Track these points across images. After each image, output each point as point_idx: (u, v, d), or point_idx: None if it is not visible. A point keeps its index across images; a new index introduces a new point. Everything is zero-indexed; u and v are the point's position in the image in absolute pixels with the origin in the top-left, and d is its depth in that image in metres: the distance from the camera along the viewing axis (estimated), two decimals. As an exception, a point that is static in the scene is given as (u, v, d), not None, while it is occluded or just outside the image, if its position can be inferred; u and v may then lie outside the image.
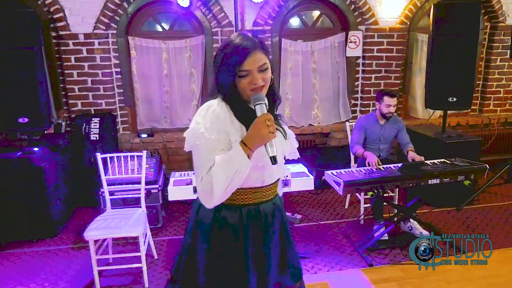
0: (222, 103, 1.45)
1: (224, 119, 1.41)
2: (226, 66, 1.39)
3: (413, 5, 4.71)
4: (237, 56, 1.36)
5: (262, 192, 1.51)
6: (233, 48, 1.38)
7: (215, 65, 1.44)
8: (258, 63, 1.38)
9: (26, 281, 2.97)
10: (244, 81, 1.39)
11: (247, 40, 1.39)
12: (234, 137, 1.40)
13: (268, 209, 1.53)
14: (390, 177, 3.00)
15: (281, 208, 1.61)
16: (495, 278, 2.87)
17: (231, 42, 1.40)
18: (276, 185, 1.57)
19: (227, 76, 1.40)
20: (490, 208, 4.06)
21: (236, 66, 1.37)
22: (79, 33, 4.23)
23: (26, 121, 3.47)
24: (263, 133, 1.31)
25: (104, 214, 3.06)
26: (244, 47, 1.37)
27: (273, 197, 1.56)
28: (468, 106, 4.23)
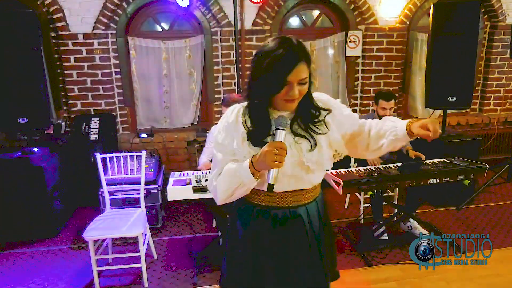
0: (243, 108, 1.47)
1: (233, 124, 1.44)
2: (269, 74, 1.32)
3: (412, 5, 4.71)
4: (283, 67, 1.31)
5: (274, 197, 1.50)
6: (280, 57, 1.31)
7: (254, 69, 1.39)
8: (300, 76, 1.34)
9: (26, 281, 2.97)
10: (282, 91, 1.35)
11: (295, 49, 1.33)
12: (236, 143, 1.43)
13: (280, 215, 1.51)
14: (390, 176, 3.00)
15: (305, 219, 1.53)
16: (494, 277, 2.87)
17: (278, 49, 1.32)
18: (293, 195, 1.51)
19: (266, 85, 1.35)
20: (490, 207, 4.05)
21: (281, 77, 1.32)
22: (79, 33, 4.23)
23: (25, 121, 3.47)
24: (268, 160, 1.30)
25: (103, 214, 3.06)
26: (292, 58, 1.32)
27: (289, 205, 1.51)
28: (468, 106, 4.23)
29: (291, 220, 1.51)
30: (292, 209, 1.51)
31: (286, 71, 1.31)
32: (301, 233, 1.52)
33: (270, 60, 1.32)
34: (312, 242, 1.54)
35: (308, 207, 1.54)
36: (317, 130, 1.46)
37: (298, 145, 1.43)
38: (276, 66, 1.31)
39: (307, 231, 1.53)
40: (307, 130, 1.45)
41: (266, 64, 1.33)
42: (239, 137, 1.43)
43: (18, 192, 3.46)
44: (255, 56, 1.39)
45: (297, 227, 1.52)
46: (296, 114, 1.45)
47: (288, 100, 1.37)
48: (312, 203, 1.56)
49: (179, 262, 3.18)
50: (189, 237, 3.58)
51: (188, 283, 2.89)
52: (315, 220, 1.56)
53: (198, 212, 4.11)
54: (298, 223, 1.52)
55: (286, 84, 1.33)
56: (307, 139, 1.44)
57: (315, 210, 1.57)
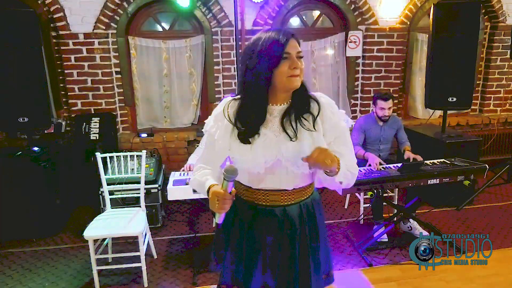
0: (234, 100, 1.50)
1: (220, 114, 1.50)
2: (267, 52, 1.36)
3: (413, 5, 4.71)
4: (278, 42, 1.36)
5: (252, 193, 1.53)
6: (273, 36, 1.37)
7: (248, 57, 1.41)
8: (297, 48, 1.40)
9: (26, 280, 2.97)
10: (284, 65, 1.37)
11: (284, 28, 1.43)
12: (218, 133, 1.48)
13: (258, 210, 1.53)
14: (390, 177, 3.00)
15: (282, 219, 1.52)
16: (494, 277, 2.87)
17: (267, 33, 1.40)
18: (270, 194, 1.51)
19: (267, 63, 1.37)
20: (489, 208, 4.05)
21: (280, 48, 1.36)
22: (79, 33, 4.23)
23: (26, 121, 3.47)
24: (210, 205, 1.39)
25: (103, 214, 3.06)
26: (284, 34, 1.38)
27: (266, 203, 1.52)
28: (468, 106, 4.23)
29: (268, 217, 1.52)
30: (268, 208, 1.52)
31: (284, 43, 1.36)
32: (275, 232, 1.52)
33: (265, 40, 1.38)
34: (284, 245, 1.52)
35: (288, 209, 1.52)
36: (306, 124, 1.45)
37: (277, 143, 1.43)
38: (273, 42, 1.36)
39: (282, 231, 1.52)
40: (296, 123, 1.44)
41: (261, 45, 1.37)
42: (222, 128, 1.47)
43: (18, 191, 3.46)
44: (247, 47, 1.44)
45: (272, 225, 1.52)
46: (291, 106, 1.47)
47: (293, 75, 1.38)
48: (292, 206, 1.52)
49: (178, 262, 3.18)
50: (189, 237, 3.58)
51: (188, 283, 2.90)
52: (295, 223, 1.52)
53: (198, 212, 4.11)
54: (272, 221, 1.52)
55: (285, 57, 1.37)
56: (289, 136, 1.42)
57: (296, 214, 1.52)
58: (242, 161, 1.44)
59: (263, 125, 1.44)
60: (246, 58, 1.43)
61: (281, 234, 1.52)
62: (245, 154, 1.43)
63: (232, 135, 1.46)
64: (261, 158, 1.42)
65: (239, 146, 1.44)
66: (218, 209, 1.36)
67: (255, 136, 1.43)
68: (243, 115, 1.45)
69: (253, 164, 1.43)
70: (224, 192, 1.35)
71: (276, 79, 1.39)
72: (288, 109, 1.46)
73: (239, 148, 1.44)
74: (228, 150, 1.47)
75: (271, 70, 1.37)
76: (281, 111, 1.47)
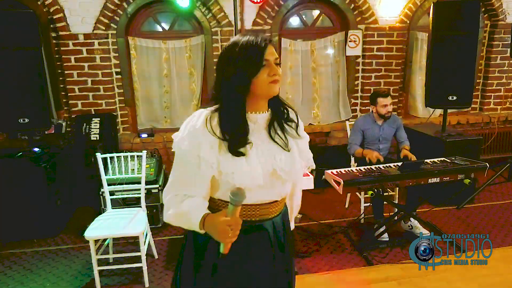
0: (212, 113, 1.37)
1: (200, 129, 1.32)
2: (246, 61, 1.30)
3: (412, 4, 4.71)
4: (258, 48, 1.30)
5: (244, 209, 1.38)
6: (250, 43, 1.31)
7: (225, 64, 1.34)
8: (275, 55, 1.35)
9: (27, 280, 2.98)
10: (263, 73, 1.31)
11: (260, 34, 1.36)
12: (203, 150, 1.31)
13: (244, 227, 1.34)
14: (390, 176, 3.00)
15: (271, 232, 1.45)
16: (495, 277, 2.87)
17: (243, 39, 1.33)
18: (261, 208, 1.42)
19: (246, 72, 1.30)
20: (490, 207, 4.05)
21: (258, 56, 1.30)
22: (79, 34, 4.24)
23: (26, 122, 3.48)
24: (222, 236, 1.25)
25: (104, 214, 3.07)
26: (262, 40, 1.32)
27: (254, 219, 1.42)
28: (468, 105, 4.23)
29: (256, 232, 1.42)
30: (257, 223, 1.42)
31: (263, 49, 1.31)
32: (266, 246, 1.44)
33: (243, 46, 1.31)
34: (277, 254, 1.47)
35: (274, 220, 1.46)
36: (292, 131, 1.45)
37: (270, 152, 1.38)
38: (252, 48, 1.31)
39: (272, 243, 1.45)
40: (283, 131, 1.42)
41: (239, 52, 1.31)
42: (207, 144, 1.31)
43: (19, 192, 3.47)
44: (224, 53, 1.36)
45: (262, 240, 1.43)
46: (272, 114, 1.43)
47: (273, 81, 1.33)
48: (278, 217, 1.48)
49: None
50: (189, 237, 3.58)
51: (189, 283, 2.89)
52: (281, 234, 1.48)
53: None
54: (263, 236, 1.43)
55: (264, 65, 1.32)
56: (280, 146, 1.39)
57: (280, 222, 1.49)
58: (240, 175, 1.31)
59: (250, 134, 1.35)
60: (222, 66, 1.35)
61: (271, 251, 1.46)
62: (241, 168, 1.31)
63: (221, 150, 1.32)
64: (259, 169, 1.34)
65: (233, 160, 1.31)
66: (231, 238, 1.24)
67: (247, 147, 1.33)
68: (227, 126, 1.33)
69: (251, 176, 1.32)
70: (235, 219, 1.23)
71: (256, 87, 1.33)
72: (272, 118, 1.42)
73: (233, 162, 1.31)
74: (214, 168, 1.32)
75: (251, 79, 1.31)
76: (263, 119, 1.41)
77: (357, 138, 3.62)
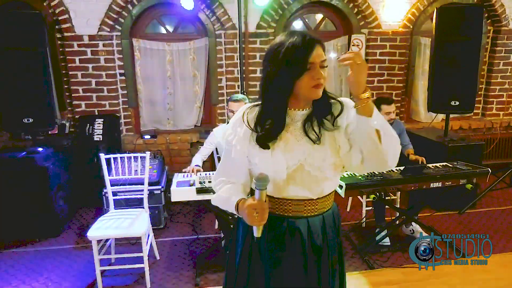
0: (252, 107, 1.44)
1: (239, 121, 1.43)
2: (290, 60, 1.28)
3: (416, 9, 4.73)
4: (304, 50, 1.28)
5: (273, 202, 1.43)
6: (297, 44, 1.29)
7: (270, 64, 1.33)
8: (322, 57, 1.33)
9: (29, 280, 2.99)
10: (307, 76, 1.30)
11: (309, 34, 1.34)
12: (237, 139, 1.41)
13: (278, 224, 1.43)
14: (392, 180, 3.01)
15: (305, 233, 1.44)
16: (496, 281, 2.87)
17: (292, 37, 1.31)
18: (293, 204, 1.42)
19: (290, 74, 1.30)
20: (492, 212, 4.05)
21: (304, 59, 1.28)
22: (84, 35, 4.27)
23: (30, 122, 3.50)
24: (249, 220, 1.32)
25: (107, 214, 3.08)
26: (310, 41, 1.30)
27: (288, 214, 1.43)
28: (471, 110, 4.23)
29: (289, 234, 1.43)
30: (291, 220, 1.43)
31: (308, 52, 1.29)
32: (297, 248, 1.43)
33: (288, 47, 1.30)
34: (310, 260, 1.44)
35: (310, 220, 1.44)
36: (328, 125, 1.39)
37: (300, 147, 1.37)
38: (297, 51, 1.29)
39: (305, 246, 1.43)
40: (319, 126, 1.39)
41: (284, 53, 1.30)
42: (241, 133, 1.40)
43: (22, 191, 3.48)
44: (269, 52, 1.35)
45: (293, 240, 1.43)
46: (313, 110, 1.41)
47: (316, 86, 1.32)
48: (315, 217, 1.45)
49: (181, 263, 3.19)
50: (191, 238, 3.60)
51: (190, 284, 2.91)
52: (317, 236, 1.44)
53: (200, 214, 4.12)
54: (294, 237, 1.43)
55: (309, 68, 1.30)
56: (311, 140, 1.37)
57: (318, 225, 1.45)
58: (263, 167, 1.36)
59: (285, 129, 1.38)
60: (267, 65, 1.36)
61: (305, 250, 1.44)
62: (265, 160, 1.36)
63: (251, 141, 1.38)
64: (283, 163, 1.35)
65: (259, 151, 1.37)
66: (259, 221, 1.30)
67: (275, 141, 1.36)
68: (262, 120, 1.38)
69: (274, 169, 1.35)
70: (261, 202, 1.30)
71: (298, 89, 1.33)
72: (310, 114, 1.41)
73: (259, 153, 1.37)
74: (246, 157, 1.41)
75: (294, 81, 1.31)
76: (303, 116, 1.41)
77: None
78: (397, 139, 1.35)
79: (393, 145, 1.33)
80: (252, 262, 1.48)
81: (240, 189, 1.45)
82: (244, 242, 1.50)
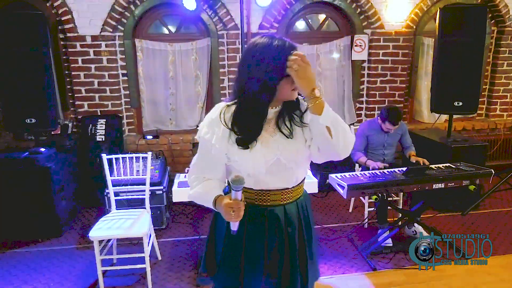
0: (228, 106, 1.49)
1: (216, 120, 1.48)
2: (279, 64, 1.37)
3: (419, 9, 4.71)
4: (286, 55, 1.37)
5: (253, 194, 1.54)
6: (282, 48, 1.38)
7: (253, 64, 1.40)
8: None
9: (31, 280, 3.00)
10: (287, 82, 1.40)
11: (287, 40, 1.43)
12: (216, 138, 1.46)
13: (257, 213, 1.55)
14: (395, 181, 3.00)
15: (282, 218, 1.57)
16: (499, 283, 2.85)
17: (274, 42, 1.40)
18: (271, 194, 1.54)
19: (277, 76, 1.38)
20: (495, 213, 4.03)
21: (285, 67, 1.36)
22: (87, 35, 4.27)
23: (33, 122, 3.51)
24: (227, 217, 1.42)
25: (109, 215, 3.08)
26: (289, 44, 1.41)
27: (266, 204, 1.55)
28: (474, 111, 4.22)
29: (269, 218, 1.55)
30: (269, 208, 1.55)
31: (288, 55, 1.36)
32: (275, 234, 1.56)
33: (275, 51, 1.38)
34: (285, 243, 1.57)
35: (287, 207, 1.57)
36: (298, 121, 1.50)
37: (275, 143, 1.47)
38: (281, 56, 1.37)
39: (282, 231, 1.56)
40: (290, 121, 1.50)
41: (273, 56, 1.37)
42: (220, 133, 1.46)
43: (24, 191, 3.49)
44: (251, 52, 1.42)
45: (273, 226, 1.56)
46: (283, 107, 1.51)
47: (295, 89, 1.42)
48: (291, 204, 1.59)
49: (183, 264, 3.19)
50: (193, 239, 3.59)
51: (192, 285, 2.90)
52: (293, 221, 1.58)
53: (202, 214, 4.12)
54: (275, 222, 1.56)
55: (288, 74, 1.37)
56: (284, 135, 1.47)
57: (294, 211, 1.59)
58: (243, 164, 1.46)
59: None
60: (251, 64, 1.41)
61: (282, 234, 1.56)
62: (245, 157, 1.45)
63: (230, 140, 1.46)
64: (261, 159, 1.45)
65: (238, 150, 1.45)
66: (235, 218, 1.40)
67: (253, 142, 1.45)
68: (240, 121, 1.45)
69: (254, 166, 1.45)
70: (236, 202, 1.39)
71: (279, 93, 1.43)
72: (282, 111, 1.51)
73: (238, 152, 1.45)
74: (225, 154, 1.48)
75: (279, 82, 1.39)
76: (275, 113, 1.51)
77: (360, 143, 3.60)
78: (347, 131, 1.44)
79: (343, 138, 1.42)
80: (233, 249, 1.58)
81: (217, 185, 1.54)
82: (225, 232, 1.58)
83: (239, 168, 1.47)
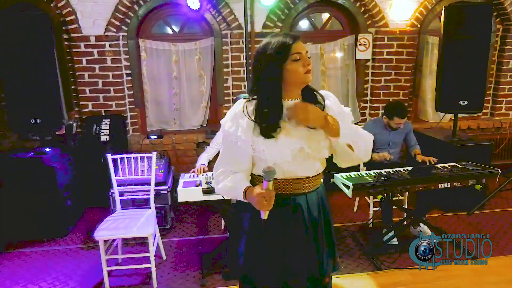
0: (249, 101, 1.58)
1: (239, 113, 1.55)
2: (276, 53, 1.49)
3: (423, 8, 4.69)
4: (287, 43, 1.49)
5: (275, 184, 1.57)
6: (281, 39, 1.51)
7: (258, 62, 1.54)
8: (305, 49, 1.55)
9: (37, 279, 3.01)
10: (298, 64, 1.50)
11: (289, 33, 1.56)
12: (241, 130, 1.53)
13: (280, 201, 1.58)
14: (400, 180, 2.98)
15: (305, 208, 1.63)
16: (506, 284, 2.83)
17: (275, 38, 1.53)
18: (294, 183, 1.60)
19: (276, 61, 1.49)
20: (501, 213, 4.00)
21: (288, 47, 1.49)
22: (91, 36, 4.28)
23: (38, 122, 3.52)
24: (259, 206, 1.49)
25: (114, 215, 3.09)
26: (291, 36, 1.52)
27: (289, 192, 1.61)
28: (480, 110, 4.19)
29: (291, 208, 1.61)
30: (292, 197, 1.61)
31: (292, 43, 1.50)
32: (299, 222, 1.62)
33: (274, 42, 1.51)
34: (309, 231, 1.63)
35: (308, 196, 1.64)
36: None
37: (298, 132, 1.55)
38: (282, 43, 1.50)
39: (305, 219, 1.62)
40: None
41: (271, 47, 1.50)
42: (244, 125, 1.53)
43: (30, 191, 3.51)
44: (257, 54, 1.56)
45: (296, 215, 1.62)
46: (303, 99, 1.60)
47: (307, 71, 1.52)
48: (312, 193, 1.65)
49: (188, 263, 3.19)
50: (198, 239, 3.59)
51: (197, 284, 2.90)
52: (314, 210, 1.65)
53: (207, 214, 4.12)
54: (297, 212, 1.62)
55: (299, 58, 1.50)
56: (307, 127, 1.54)
57: (315, 200, 1.66)
58: (270, 154, 1.53)
59: (282, 118, 1.54)
60: (257, 64, 1.55)
61: (305, 222, 1.62)
62: (271, 148, 1.52)
63: (255, 132, 1.54)
64: (287, 149, 1.52)
65: (264, 141, 1.53)
66: (267, 207, 1.48)
67: (277, 130, 1.52)
68: (261, 112, 1.53)
69: (280, 155, 1.52)
70: (268, 191, 1.46)
71: (292, 77, 1.52)
72: (302, 101, 1.58)
73: (265, 142, 1.53)
74: (250, 145, 1.54)
75: (280, 66, 1.50)
76: None
77: None
78: (367, 140, 1.63)
79: (364, 147, 1.62)
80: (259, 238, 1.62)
81: (244, 177, 1.60)
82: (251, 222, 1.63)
83: (265, 158, 1.53)
